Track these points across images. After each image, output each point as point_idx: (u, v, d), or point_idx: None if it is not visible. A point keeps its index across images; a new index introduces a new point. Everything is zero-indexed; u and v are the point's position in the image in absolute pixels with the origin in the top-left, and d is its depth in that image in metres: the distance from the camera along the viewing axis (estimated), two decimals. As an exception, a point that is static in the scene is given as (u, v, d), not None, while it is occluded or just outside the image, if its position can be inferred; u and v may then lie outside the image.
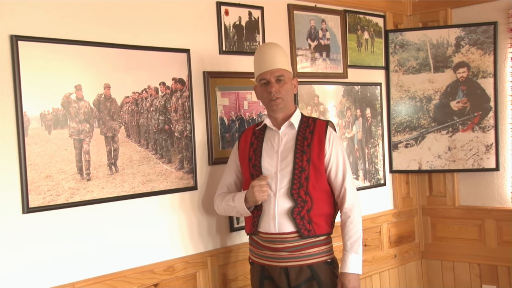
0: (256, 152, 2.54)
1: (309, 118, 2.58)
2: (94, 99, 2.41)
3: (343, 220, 2.50)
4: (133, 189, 2.54)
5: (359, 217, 2.50)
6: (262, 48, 2.57)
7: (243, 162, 2.58)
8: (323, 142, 2.47)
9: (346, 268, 2.44)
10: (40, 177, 2.24)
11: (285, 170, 2.46)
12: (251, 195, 2.44)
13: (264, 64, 2.48)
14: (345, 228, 2.49)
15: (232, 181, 2.67)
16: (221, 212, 2.66)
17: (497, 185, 3.77)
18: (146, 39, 2.60)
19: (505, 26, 3.67)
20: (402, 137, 3.92)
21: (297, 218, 2.42)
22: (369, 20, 3.79)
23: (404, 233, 3.99)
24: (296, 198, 2.42)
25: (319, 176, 2.46)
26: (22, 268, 2.21)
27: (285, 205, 2.43)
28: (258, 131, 2.60)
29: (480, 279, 3.84)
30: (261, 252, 2.52)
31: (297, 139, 2.49)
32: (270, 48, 2.53)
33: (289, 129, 2.53)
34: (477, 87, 3.74)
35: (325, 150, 2.47)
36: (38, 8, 2.26)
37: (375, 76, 3.86)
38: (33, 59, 2.22)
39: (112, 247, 2.48)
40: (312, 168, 2.45)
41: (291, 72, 2.57)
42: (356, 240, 2.46)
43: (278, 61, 2.48)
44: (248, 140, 2.60)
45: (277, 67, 2.47)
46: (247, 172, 2.54)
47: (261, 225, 2.48)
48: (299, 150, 2.46)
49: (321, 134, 2.49)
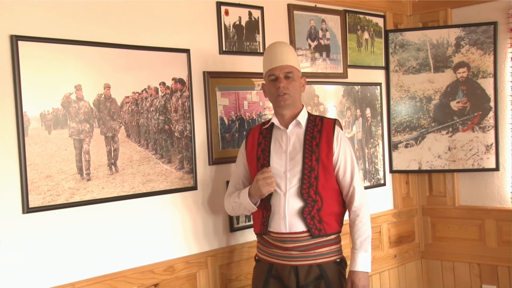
0: (265, 152, 2.54)
1: (316, 116, 2.59)
2: (94, 99, 2.41)
3: (352, 218, 2.52)
4: (133, 189, 2.54)
5: (368, 215, 2.52)
6: (272, 45, 2.59)
7: (251, 162, 2.58)
8: (331, 141, 2.48)
9: (356, 266, 2.46)
10: (40, 177, 2.24)
11: (294, 169, 2.46)
12: (256, 189, 2.44)
13: (275, 60, 2.50)
14: (355, 226, 2.50)
15: (240, 182, 2.68)
16: (231, 212, 2.67)
17: (497, 185, 3.77)
18: (146, 39, 2.60)
19: (505, 26, 3.67)
20: (402, 137, 3.92)
21: (308, 218, 2.43)
22: (369, 20, 3.79)
23: (404, 233, 3.99)
24: (306, 197, 2.43)
25: (328, 175, 2.47)
26: (22, 268, 2.21)
27: (295, 204, 2.44)
28: (265, 130, 2.60)
29: (480, 279, 3.84)
30: (270, 251, 2.53)
31: (306, 138, 2.50)
32: (280, 46, 2.56)
33: (296, 128, 2.54)
34: (477, 87, 3.74)
35: (333, 149, 2.48)
36: (38, 8, 2.26)
37: (375, 76, 3.86)
38: (33, 59, 2.22)
39: (112, 247, 2.48)
40: (321, 167, 2.46)
41: (300, 71, 2.58)
42: (366, 238, 2.49)
43: (287, 58, 2.50)
44: (256, 139, 2.60)
45: (287, 64, 2.49)
46: (256, 172, 2.54)
47: (271, 225, 2.49)
48: (308, 150, 2.47)
49: (329, 133, 2.50)
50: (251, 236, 2.96)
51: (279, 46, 2.55)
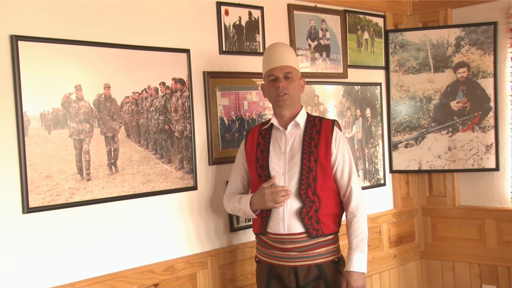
0: (264, 153, 2.54)
1: (315, 117, 2.59)
2: (94, 99, 2.41)
3: (349, 219, 2.52)
4: (133, 189, 2.54)
5: (364, 216, 2.52)
6: (272, 46, 2.59)
7: (250, 162, 2.59)
8: (330, 142, 2.48)
9: (352, 266, 2.46)
10: (40, 177, 2.24)
11: (292, 170, 2.47)
12: (261, 200, 2.44)
13: (274, 60, 2.50)
14: (351, 227, 2.51)
15: (239, 182, 2.69)
16: (230, 211, 2.69)
17: (497, 185, 3.77)
18: (146, 39, 2.60)
19: (505, 26, 3.67)
20: (402, 137, 3.92)
21: (305, 219, 2.43)
22: (369, 20, 3.79)
23: (404, 233, 3.99)
24: (304, 198, 2.44)
25: (326, 176, 2.48)
26: (22, 268, 2.21)
27: (294, 205, 2.45)
28: (264, 130, 2.61)
29: (480, 279, 3.83)
30: (269, 252, 2.53)
31: (304, 139, 2.50)
32: (280, 47, 2.56)
33: (295, 129, 2.54)
34: (477, 87, 3.74)
35: (332, 150, 2.48)
36: (38, 8, 2.26)
37: (375, 76, 3.86)
38: (33, 59, 2.22)
39: (112, 247, 2.48)
40: (320, 168, 2.46)
41: (300, 71, 2.58)
42: (362, 239, 2.49)
43: (287, 59, 2.50)
44: (255, 140, 2.61)
45: (286, 64, 2.49)
46: (255, 172, 2.55)
47: (270, 226, 2.49)
48: (307, 151, 2.48)
49: (328, 134, 2.50)
50: (251, 236, 2.96)
51: (278, 47, 2.56)
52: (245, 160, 2.64)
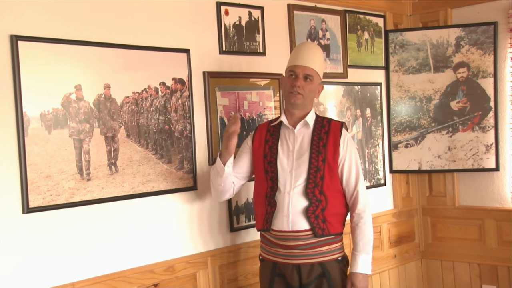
0: (272, 150, 2.56)
1: (324, 118, 2.62)
2: (94, 99, 2.41)
3: (355, 221, 2.53)
4: (133, 189, 2.54)
5: (370, 218, 2.55)
6: (303, 44, 2.62)
7: (257, 158, 2.59)
8: (338, 143, 2.50)
9: (357, 268, 2.48)
10: (40, 177, 2.24)
11: (300, 168, 2.48)
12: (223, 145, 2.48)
13: (301, 58, 2.51)
14: (357, 229, 2.52)
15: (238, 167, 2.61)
16: (213, 191, 2.61)
17: (497, 185, 3.77)
18: (146, 39, 2.60)
19: (505, 26, 3.67)
20: (402, 137, 3.92)
21: (312, 217, 2.44)
22: (369, 20, 3.79)
23: (404, 233, 3.99)
24: (311, 197, 2.45)
25: (333, 176, 2.50)
26: (22, 268, 2.20)
27: (300, 203, 2.45)
28: (272, 128, 2.61)
29: (480, 279, 3.84)
30: (273, 250, 2.54)
31: (313, 139, 2.52)
32: (310, 48, 2.57)
33: (304, 128, 2.55)
34: (477, 87, 3.74)
35: (340, 152, 2.50)
36: (38, 8, 2.26)
37: (375, 76, 3.86)
38: (33, 59, 2.22)
39: (112, 247, 2.48)
40: (327, 168, 2.48)
41: (321, 78, 2.58)
42: (368, 241, 2.51)
43: (313, 61, 2.51)
44: (263, 136, 2.61)
45: (310, 66, 2.50)
46: (262, 168, 2.56)
47: (274, 223, 2.49)
48: (315, 150, 2.49)
49: (336, 135, 2.52)
50: (251, 236, 2.97)
51: (309, 47, 2.57)
52: (251, 155, 2.62)
